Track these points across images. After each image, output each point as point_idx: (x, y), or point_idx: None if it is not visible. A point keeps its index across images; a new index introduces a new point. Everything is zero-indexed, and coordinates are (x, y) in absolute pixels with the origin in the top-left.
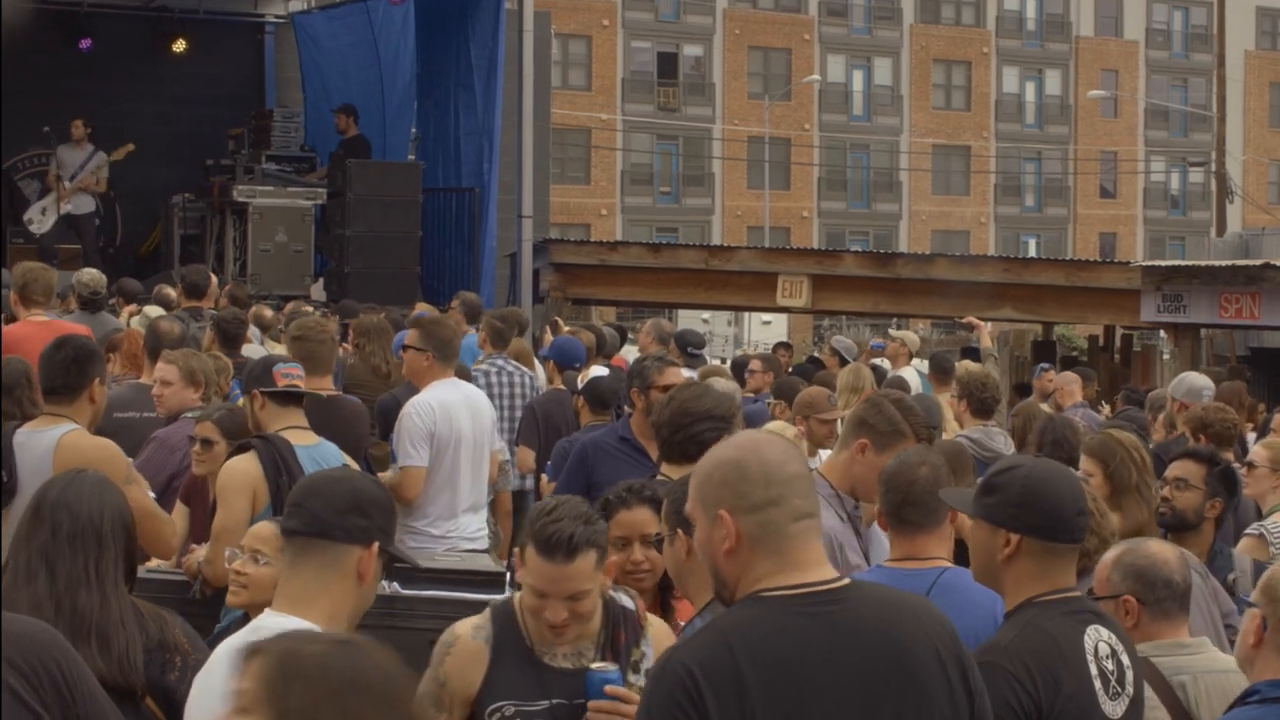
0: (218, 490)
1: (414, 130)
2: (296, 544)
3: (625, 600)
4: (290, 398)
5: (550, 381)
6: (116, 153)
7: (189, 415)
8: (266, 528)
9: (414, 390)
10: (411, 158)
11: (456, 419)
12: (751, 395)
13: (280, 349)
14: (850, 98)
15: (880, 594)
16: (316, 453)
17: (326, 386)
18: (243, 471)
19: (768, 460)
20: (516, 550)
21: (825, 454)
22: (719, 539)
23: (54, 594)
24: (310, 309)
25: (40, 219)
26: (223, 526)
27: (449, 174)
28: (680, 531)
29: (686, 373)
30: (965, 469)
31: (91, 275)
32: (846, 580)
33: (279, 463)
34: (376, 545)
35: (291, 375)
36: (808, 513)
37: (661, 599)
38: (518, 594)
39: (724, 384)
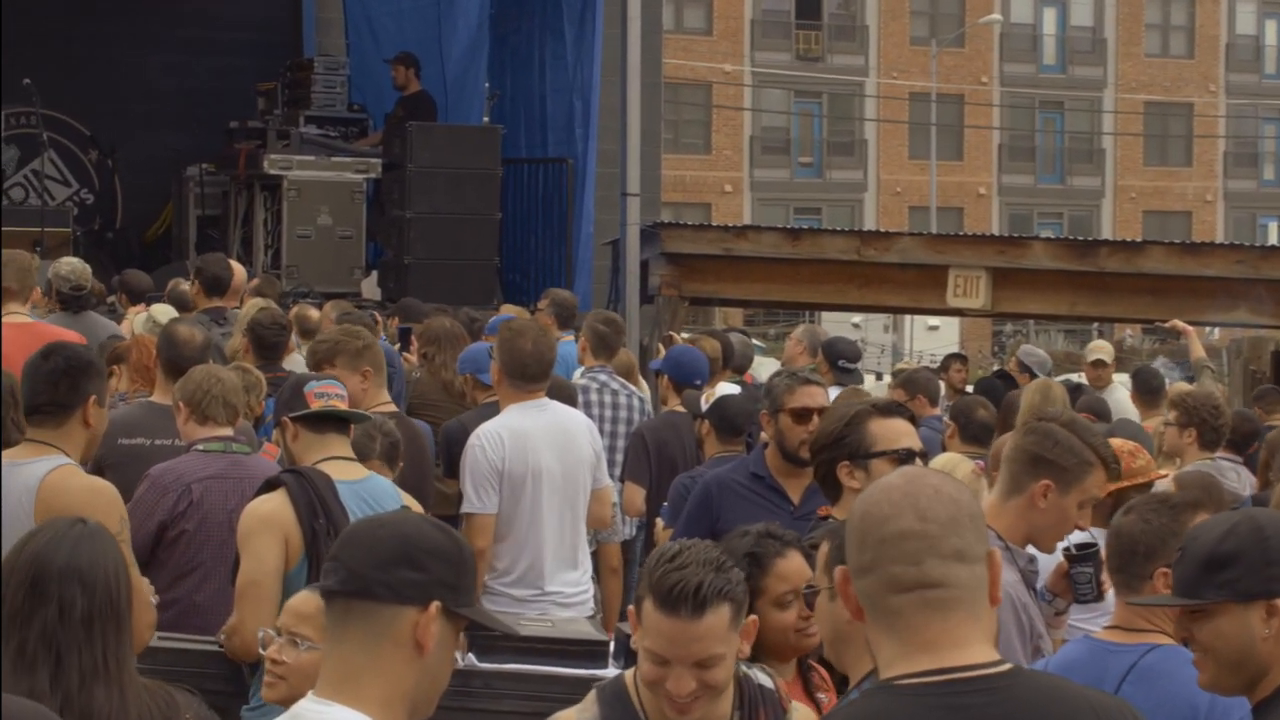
0: (240, 538)
1: (487, 86)
2: (336, 608)
3: (763, 678)
4: (330, 422)
5: (664, 402)
6: None
7: (200, 448)
8: (308, 602)
9: (493, 414)
10: (485, 120)
11: (534, 451)
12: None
13: None
14: (1040, 43)
15: (1047, 686)
16: (364, 489)
17: (381, 400)
18: (270, 514)
19: (869, 514)
20: (630, 609)
21: None
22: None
23: (61, 690)
24: (358, 311)
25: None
26: (249, 582)
27: (531, 141)
28: None
29: (833, 393)
30: (1222, 505)
31: (72, 266)
32: (1006, 666)
33: (315, 502)
34: (437, 605)
35: (328, 395)
36: (919, 582)
37: (804, 680)
38: (630, 670)
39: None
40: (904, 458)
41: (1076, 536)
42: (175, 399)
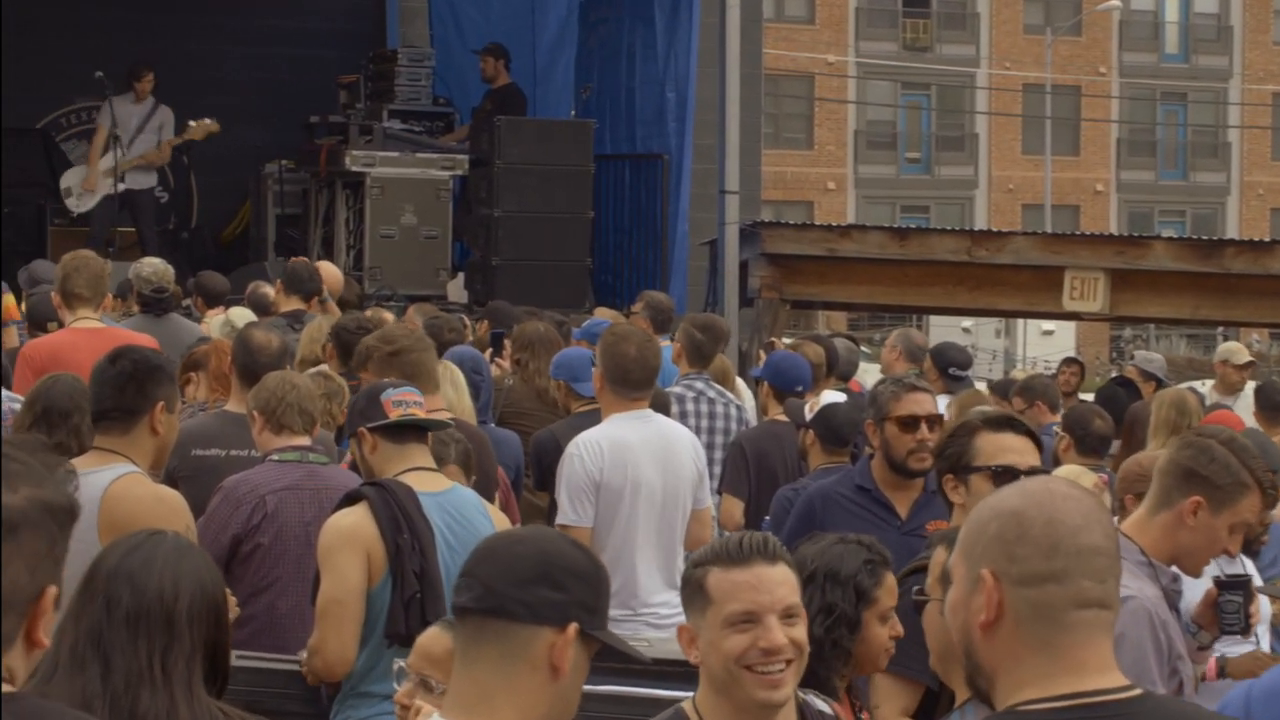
0: (320, 554)
1: (577, 81)
2: (469, 626)
3: (821, 704)
4: (409, 431)
5: (764, 411)
6: (193, 129)
7: (275, 458)
8: (439, 642)
9: (587, 424)
10: (571, 113)
11: (634, 464)
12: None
13: None
14: (1161, 30)
15: (1178, 713)
16: (448, 500)
17: (434, 408)
18: (351, 529)
19: (1060, 521)
20: (679, 628)
21: None
22: (976, 607)
23: (108, 690)
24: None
25: (82, 193)
26: (331, 600)
27: (617, 136)
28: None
29: (942, 402)
30: None
31: (155, 267)
32: (1137, 691)
33: (398, 516)
34: (575, 627)
35: (407, 403)
36: (1099, 601)
37: (850, 700)
38: (689, 699)
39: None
40: (1000, 474)
41: (1226, 565)
42: (249, 408)
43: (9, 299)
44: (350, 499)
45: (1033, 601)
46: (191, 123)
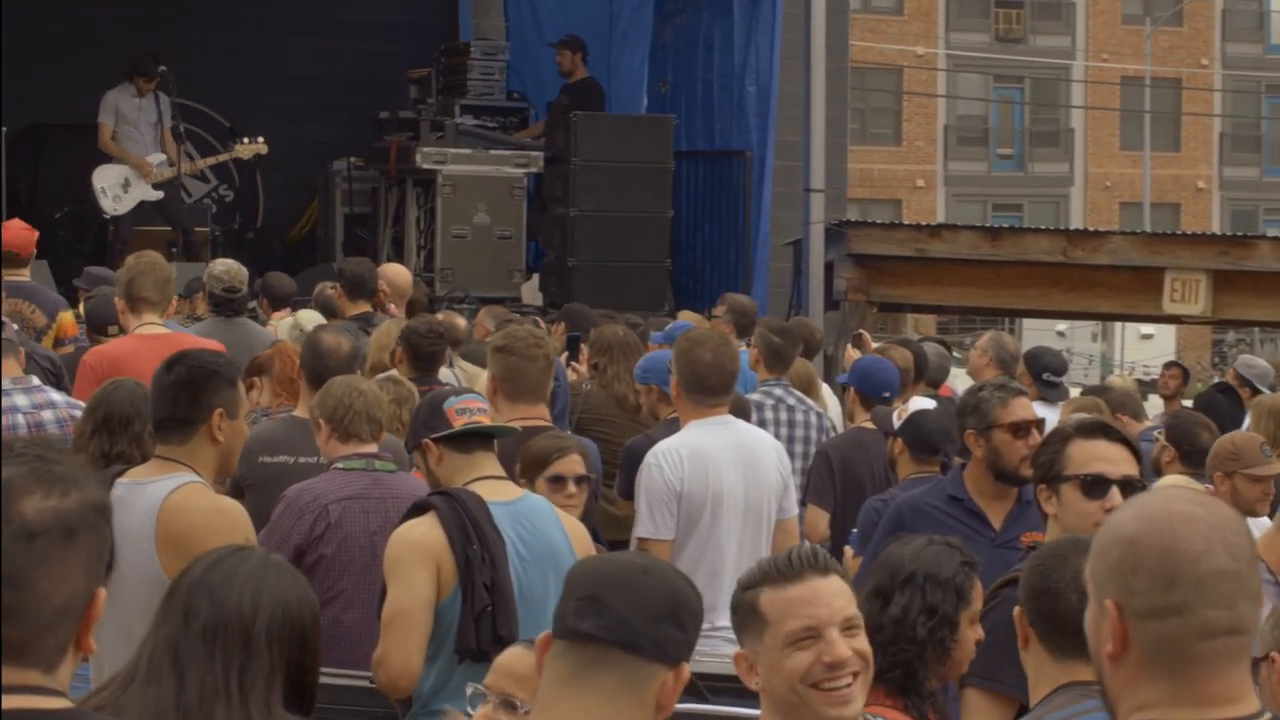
0: (387, 565)
1: (650, 74)
2: (588, 653)
3: None
4: (475, 439)
5: (850, 418)
6: (239, 149)
7: (340, 466)
8: (521, 660)
9: (673, 431)
10: (643, 108)
11: (716, 473)
12: None
13: (481, 374)
14: (1266, 20)
15: None
16: (520, 509)
17: (540, 416)
18: (420, 540)
19: (1178, 549)
20: (737, 655)
21: (1254, 523)
22: (1103, 636)
23: (182, 704)
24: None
25: (120, 193)
26: (398, 611)
27: (695, 131)
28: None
29: (1041, 409)
30: None
31: (228, 266)
32: (1267, 716)
33: (468, 526)
34: (688, 670)
35: (471, 410)
36: (1229, 628)
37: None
38: None
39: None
40: (1091, 484)
41: None
42: (314, 414)
43: (66, 316)
44: (418, 509)
45: (1155, 635)
46: (241, 142)
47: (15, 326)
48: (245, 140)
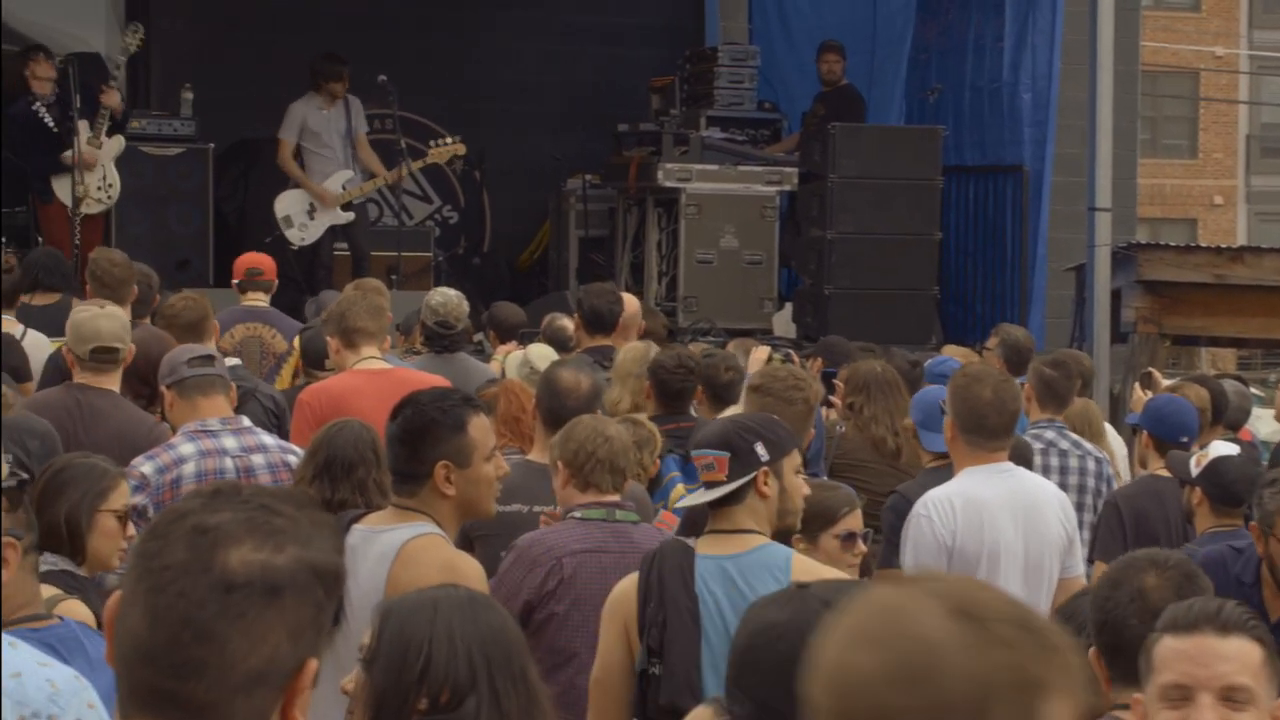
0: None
1: (909, 81)
2: None
3: None
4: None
5: (1142, 464)
6: (434, 152)
7: (577, 515)
8: None
9: (937, 481)
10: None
11: (992, 527)
12: None
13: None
14: None
15: None
16: (742, 564)
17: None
18: (614, 599)
19: None
20: (1135, 699)
21: None
22: None
23: None
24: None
25: (305, 220)
26: (593, 680)
27: (962, 144)
28: None
29: None
30: None
31: (445, 297)
32: None
33: (652, 583)
34: None
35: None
36: None
37: None
38: None
39: None
40: None
41: None
42: (553, 458)
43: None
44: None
45: None
46: (435, 144)
47: (237, 361)
48: (439, 143)
